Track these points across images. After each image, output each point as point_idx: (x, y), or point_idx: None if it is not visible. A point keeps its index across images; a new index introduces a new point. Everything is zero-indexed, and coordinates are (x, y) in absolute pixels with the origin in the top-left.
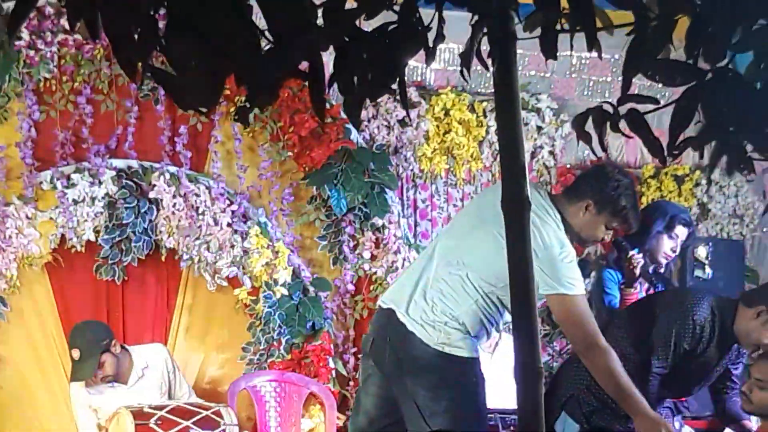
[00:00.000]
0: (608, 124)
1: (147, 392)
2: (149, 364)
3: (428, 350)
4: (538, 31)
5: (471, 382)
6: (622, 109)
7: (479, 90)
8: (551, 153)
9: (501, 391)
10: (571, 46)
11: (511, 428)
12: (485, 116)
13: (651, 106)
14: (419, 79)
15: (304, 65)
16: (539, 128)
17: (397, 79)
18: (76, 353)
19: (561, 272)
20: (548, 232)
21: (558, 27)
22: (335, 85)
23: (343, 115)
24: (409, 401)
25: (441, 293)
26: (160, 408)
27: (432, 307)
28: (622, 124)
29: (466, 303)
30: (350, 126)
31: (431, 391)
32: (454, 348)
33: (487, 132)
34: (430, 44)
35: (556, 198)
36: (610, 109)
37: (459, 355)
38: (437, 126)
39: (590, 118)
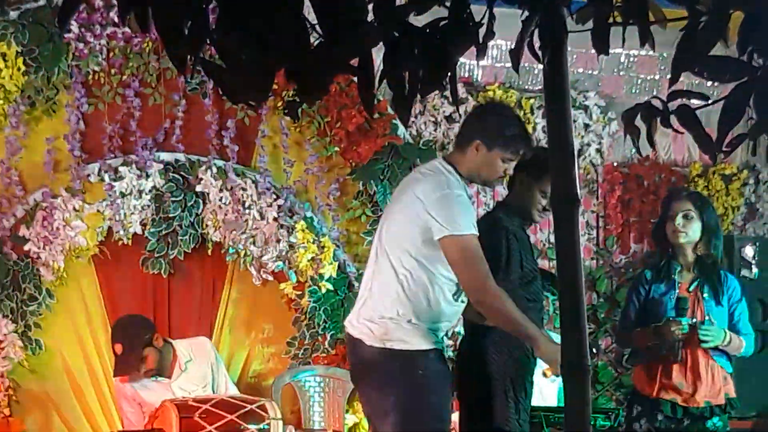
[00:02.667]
0: (658, 119)
1: (191, 386)
2: (193, 357)
3: (372, 350)
4: (589, 25)
5: (418, 376)
6: (672, 105)
7: (527, 87)
8: (598, 151)
9: (544, 388)
10: (623, 41)
11: (556, 426)
12: (532, 113)
13: (700, 102)
14: (467, 75)
15: (353, 60)
16: (586, 126)
17: (448, 75)
18: (119, 348)
19: (453, 213)
20: (434, 180)
21: (610, 21)
22: (383, 81)
23: (390, 111)
24: (366, 407)
25: (371, 288)
26: (205, 401)
27: (368, 305)
28: (673, 120)
29: (392, 287)
30: (397, 122)
31: (378, 391)
32: (395, 342)
33: (534, 129)
34: (481, 40)
35: (450, 155)
36: (660, 105)
37: (401, 349)
38: None
39: (639, 114)
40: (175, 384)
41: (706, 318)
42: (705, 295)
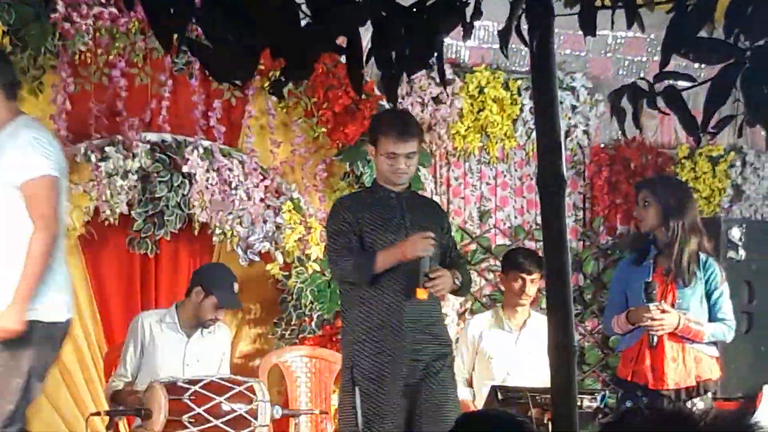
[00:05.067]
0: (644, 101)
1: (198, 366)
2: (213, 338)
3: None
4: (577, 8)
5: None
6: (658, 86)
7: (514, 68)
8: (585, 132)
9: (530, 369)
10: (612, 23)
11: (542, 407)
12: (519, 94)
13: (687, 84)
14: (454, 56)
15: (340, 40)
16: (574, 107)
17: (435, 55)
18: (236, 286)
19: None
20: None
21: (598, 3)
22: (369, 61)
23: (378, 92)
24: None
25: None
26: (194, 383)
27: None
28: (659, 102)
29: None
30: (384, 102)
31: None
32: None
33: (522, 110)
34: (468, 19)
35: None
36: (646, 86)
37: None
38: (471, 104)
39: (625, 95)
40: (188, 347)
41: (677, 302)
42: (680, 281)
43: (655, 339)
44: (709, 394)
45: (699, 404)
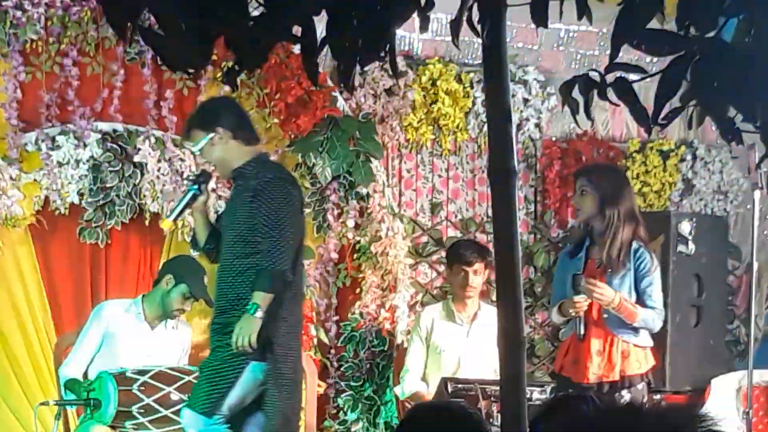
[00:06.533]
0: (595, 92)
1: (156, 358)
2: (176, 336)
3: None
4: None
5: None
6: (609, 78)
7: (466, 61)
8: (537, 126)
9: (480, 361)
10: (561, 15)
11: (491, 399)
12: (472, 87)
13: (637, 76)
14: (407, 48)
15: (294, 29)
16: (526, 100)
17: (387, 46)
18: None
19: None
20: None
21: None
22: (322, 52)
23: (330, 83)
24: None
25: None
26: (143, 373)
27: None
28: (610, 93)
29: None
30: (336, 94)
31: None
32: None
33: (474, 103)
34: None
35: None
36: (597, 78)
37: None
38: (424, 96)
39: (576, 86)
40: (151, 338)
41: None
42: (609, 269)
43: (582, 330)
44: (639, 386)
45: (626, 396)
